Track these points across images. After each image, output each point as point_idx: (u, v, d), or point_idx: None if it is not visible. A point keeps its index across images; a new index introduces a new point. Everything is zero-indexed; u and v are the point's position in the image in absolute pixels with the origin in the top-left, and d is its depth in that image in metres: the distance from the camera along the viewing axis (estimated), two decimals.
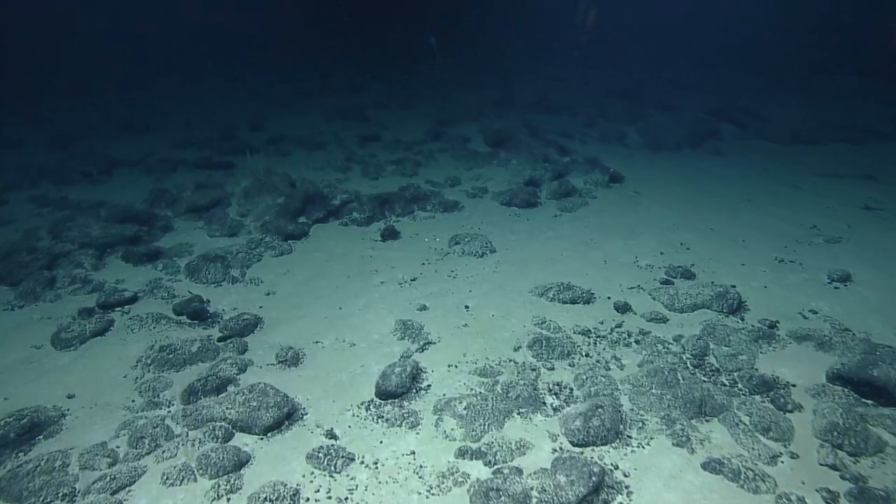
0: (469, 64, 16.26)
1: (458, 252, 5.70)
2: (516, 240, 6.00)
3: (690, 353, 4.06)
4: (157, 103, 12.40)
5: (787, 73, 15.51)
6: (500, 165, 8.14)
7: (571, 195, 7.11)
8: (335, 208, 6.38)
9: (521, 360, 4.10)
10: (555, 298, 4.86)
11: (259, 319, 4.56)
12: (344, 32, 18.52)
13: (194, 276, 5.08)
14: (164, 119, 11.18)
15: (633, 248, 5.75)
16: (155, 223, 6.13)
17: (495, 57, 17.23)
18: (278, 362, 4.08)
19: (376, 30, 18.43)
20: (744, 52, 17.48)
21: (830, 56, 16.27)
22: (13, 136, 9.49)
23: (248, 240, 5.75)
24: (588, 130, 10.34)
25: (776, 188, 7.36)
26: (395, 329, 4.45)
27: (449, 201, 6.82)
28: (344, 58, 17.21)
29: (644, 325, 4.50)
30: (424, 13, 17.89)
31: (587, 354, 4.15)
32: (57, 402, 3.62)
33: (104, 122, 10.74)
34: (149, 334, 4.31)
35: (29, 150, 8.98)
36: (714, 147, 9.38)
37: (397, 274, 5.29)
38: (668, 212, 6.61)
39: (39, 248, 5.26)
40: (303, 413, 3.59)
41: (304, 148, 9.37)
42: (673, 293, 4.80)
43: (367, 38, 18.10)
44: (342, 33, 18.45)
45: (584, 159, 7.98)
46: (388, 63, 16.40)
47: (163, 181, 7.62)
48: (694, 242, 5.81)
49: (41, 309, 4.63)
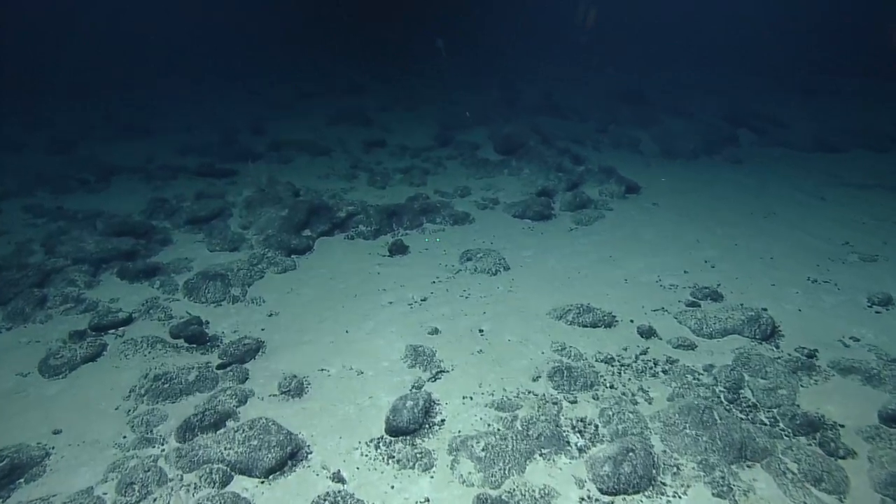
0: (469, 64, 16.00)
1: (469, 269, 5.42)
2: (531, 256, 5.72)
3: (724, 386, 3.76)
4: (157, 104, 12.17)
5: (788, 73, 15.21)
6: (511, 174, 7.85)
7: (587, 207, 6.82)
8: (341, 221, 6.11)
9: (540, 392, 3.82)
10: (574, 322, 4.57)
11: (261, 344, 4.28)
12: (344, 32, 18.29)
13: (193, 296, 4.81)
14: (164, 121, 10.95)
15: (654, 266, 5.45)
16: (153, 236, 5.86)
17: (495, 57, 16.97)
18: (281, 393, 3.80)
19: (376, 29, 18.20)
20: (744, 52, 17.18)
21: (831, 56, 15.97)
22: (12, 140, 9.26)
23: (249, 255, 5.48)
24: (600, 136, 10.04)
25: (801, 199, 7.04)
26: (406, 355, 4.17)
27: (459, 213, 6.54)
28: (344, 58, 16.98)
29: (671, 353, 4.21)
30: (424, 13, 17.69)
31: (612, 386, 3.87)
32: (42, 438, 3.35)
33: (104, 125, 10.51)
34: (143, 360, 4.04)
35: (27, 155, 8.74)
36: (732, 154, 9.07)
37: (407, 293, 5.01)
38: (689, 225, 6.31)
39: (30, 265, 5.00)
40: (307, 452, 3.31)
41: (308, 153, 9.11)
42: (700, 317, 4.50)
43: (366, 38, 17.88)
44: (342, 33, 18.22)
45: (599, 168, 7.69)
46: (387, 63, 16.18)
47: (162, 190, 7.37)
48: (719, 259, 5.51)
49: (30, 331, 4.37)
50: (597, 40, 16.02)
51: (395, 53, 16.85)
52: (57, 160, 8.41)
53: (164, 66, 15.25)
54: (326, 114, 11.51)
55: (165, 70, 15.06)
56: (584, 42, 15.92)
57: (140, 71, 14.74)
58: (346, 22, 18.50)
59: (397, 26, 18.28)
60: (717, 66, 16.40)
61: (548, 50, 17.56)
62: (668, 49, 18.00)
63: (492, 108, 11.73)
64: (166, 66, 15.19)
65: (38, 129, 9.96)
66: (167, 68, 15.18)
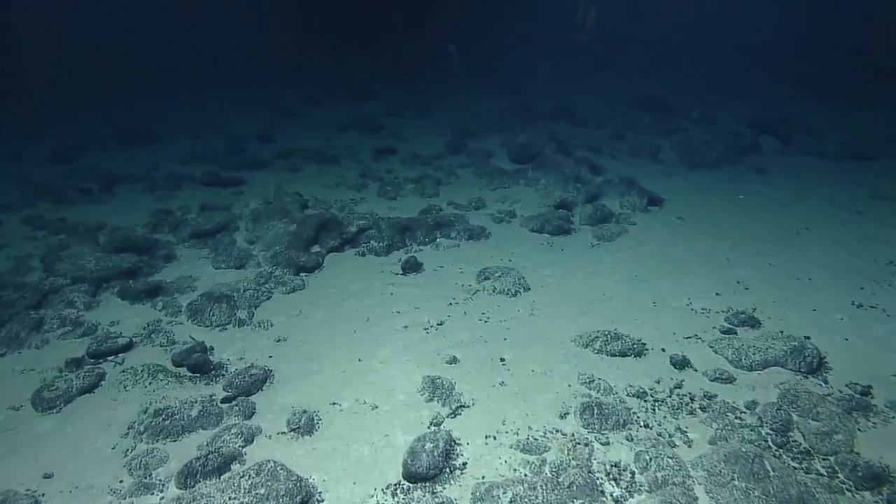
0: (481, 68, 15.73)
1: (488, 289, 5.13)
2: (552, 275, 5.42)
3: (771, 428, 3.45)
4: (161, 110, 11.97)
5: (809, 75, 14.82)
6: (527, 185, 7.55)
7: (608, 221, 6.52)
8: (351, 236, 5.84)
9: (569, 432, 3.52)
10: (602, 350, 4.28)
11: (268, 373, 4.02)
12: (345, 32, 18.08)
13: (197, 318, 4.55)
14: (169, 127, 10.74)
15: (684, 288, 5.14)
16: (156, 251, 5.62)
17: (495, 57, 16.70)
18: (290, 430, 3.53)
19: (376, 29, 17.99)
20: (761, 53, 16.82)
21: (853, 58, 15.57)
22: (12, 148, 9.07)
23: (256, 273, 5.22)
24: (617, 144, 9.73)
25: (836, 214, 6.69)
26: (423, 388, 3.89)
27: (474, 227, 6.25)
28: (344, 58, 16.75)
29: (708, 387, 3.91)
30: (424, 13, 17.48)
31: (646, 425, 3.57)
32: (32, 483, 3.09)
33: (107, 132, 10.31)
34: (143, 392, 3.78)
35: (28, 164, 8.55)
36: (756, 163, 8.72)
37: (422, 316, 4.73)
38: (718, 242, 5.98)
39: (28, 285, 4.76)
40: (319, 500, 3.04)
41: (316, 162, 8.86)
42: (738, 346, 4.19)
43: (366, 38, 17.65)
44: (343, 33, 18.00)
45: (619, 179, 7.37)
46: (387, 63, 15.97)
47: (166, 200, 7.14)
48: (752, 280, 5.19)
49: (25, 358, 4.12)
50: (596, 40, 15.83)
51: (395, 54, 16.63)
52: (59, 169, 8.21)
53: (168, 70, 15.07)
54: (336, 120, 11.29)
55: (168, 73, 14.88)
56: (584, 42, 15.78)
57: (142, 74, 14.56)
58: (345, 22, 18.28)
59: (397, 26, 18.06)
60: (734, 68, 16.03)
61: (547, 50, 17.30)
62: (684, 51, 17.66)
63: (506, 113, 11.46)
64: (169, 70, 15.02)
65: (39, 136, 9.78)
66: (170, 72, 15.00)
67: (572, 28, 15.45)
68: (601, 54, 16.23)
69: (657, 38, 18.23)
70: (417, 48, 16.60)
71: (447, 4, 17.33)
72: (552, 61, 16.26)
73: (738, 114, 11.36)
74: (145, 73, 14.67)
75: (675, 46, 17.94)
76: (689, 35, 18.38)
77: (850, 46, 16.26)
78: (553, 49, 17.02)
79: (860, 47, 15.76)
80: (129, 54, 15.45)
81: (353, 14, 18.09)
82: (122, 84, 13.62)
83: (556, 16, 17.02)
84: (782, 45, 17.36)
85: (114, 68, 14.68)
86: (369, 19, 18.03)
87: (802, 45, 17.35)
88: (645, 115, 11.26)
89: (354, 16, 18.06)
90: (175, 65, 15.17)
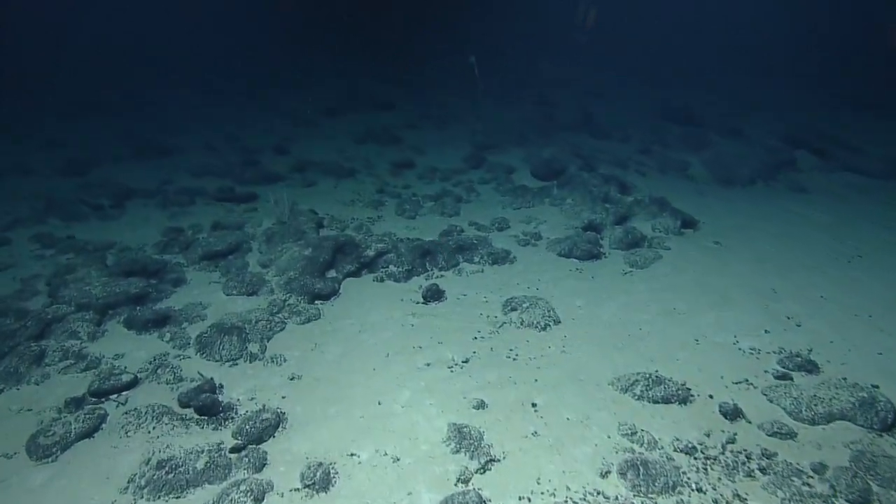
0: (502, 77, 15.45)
1: (515, 322, 4.78)
2: (583, 306, 5.05)
3: (846, 499, 3.05)
4: (174, 119, 11.83)
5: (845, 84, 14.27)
6: (552, 205, 7.19)
7: (640, 245, 6.14)
8: (369, 260, 5.53)
9: (612, 494, 3.16)
10: (643, 396, 3.90)
11: (281, 417, 3.70)
12: (345, 32, 17.92)
13: (206, 352, 4.26)
14: (183, 138, 10.57)
15: (728, 323, 4.74)
16: (165, 275, 5.36)
17: (495, 57, 16.42)
18: (304, 486, 3.21)
19: (376, 29, 17.80)
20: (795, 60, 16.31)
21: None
22: (24, 161, 8.94)
23: (269, 301, 4.93)
24: (644, 159, 9.34)
25: (890, 239, 6.22)
26: (449, 437, 3.55)
27: (498, 251, 5.91)
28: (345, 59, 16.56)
29: (766, 443, 3.51)
30: (425, 13, 17.29)
31: (699, 489, 3.19)
32: None
33: (120, 143, 10.16)
34: (146, 439, 3.49)
35: (40, 177, 8.39)
36: (794, 181, 8.27)
37: (445, 353, 4.39)
38: (761, 271, 5.57)
39: (30, 313, 4.51)
40: None
41: (333, 176, 8.60)
42: (796, 395, 3.79)
43: (367, 39, 17.47)
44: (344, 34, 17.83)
45: (649, 199, 6.98)
46: (386, 63, 15.79)
47: (178, 217, 6.90)
48: (804, 316, 4.78)
49: (23, 395, 3.86)
50: (596, 40, 15.57)
51: (394, 54, 16.46)
52: (70, 183, 8.04)
53: (168, 70, 14.97)
54: (352, 130, 11.05)
55: (171, 75, 14.77)
56: (584, 42, 15.56)
57: (147, 78, 14.47)
58: (346, 22, 18.11)
59: (396, 26, 17.87)
60: (767, 77, 15.53)
61: (546, 49, 17.00)
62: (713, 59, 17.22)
63: (527, 124, 11.13)
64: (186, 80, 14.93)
65: (51, 148, 9.65)
66: (171, 72, 14.89)
67: (572, 28, 15.33)
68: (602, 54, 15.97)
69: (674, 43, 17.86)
70: (417, 48, 16.45)
71: (447, 4, 17.18)
72: (553, 61, 16.02)
73: (768, 126, 10.90)
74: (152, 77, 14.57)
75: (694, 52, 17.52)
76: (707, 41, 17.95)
77: (880, 55, 15.70)
78: (552, 49, 16.76)
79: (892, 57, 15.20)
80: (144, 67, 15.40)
81: (353, 14, 17.97)
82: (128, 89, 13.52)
83: (555, 16, 16.82)
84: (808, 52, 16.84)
85: (116, 71, 14.61)
86: (370, 19, 17.88)
87: (828, 52, 16.81)
88: (672, 128, 10.85)
89: (354, 16, 17.93)
90: (177, 67, 15.04)
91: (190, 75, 14.96)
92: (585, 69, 15.81)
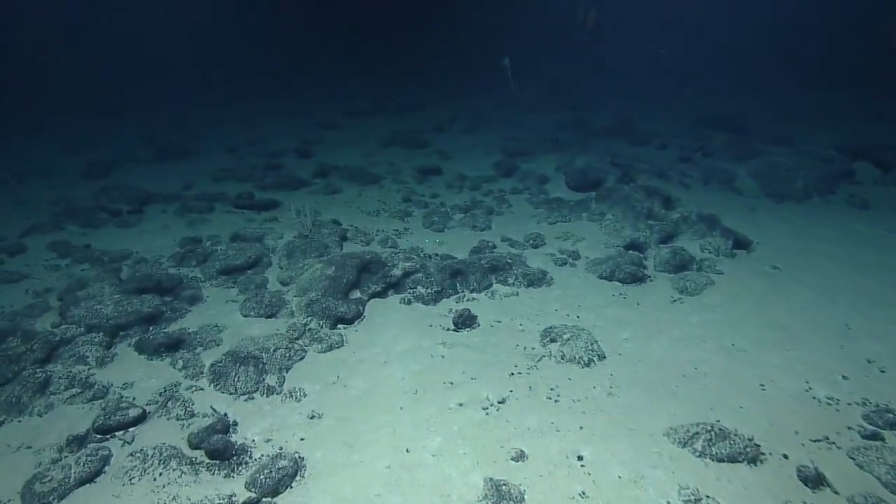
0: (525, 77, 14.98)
1: (555, 356, 4.34)
2: (630, 339, 4.58)
3: None
4: (198, 123, 11.66)
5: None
6: (590, 220, 6.71)
7: (689, 268, 5.62)
8: (396, 280, 5.15)
9: None
10: (704, 453, 3.42)
11: (299, 464, 3.34)
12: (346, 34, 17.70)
13: (220, 384, 3.93)
14: (205, 141, 10.37)
15: (797, 364, 4.22)
16: (180, 291, 5.06)
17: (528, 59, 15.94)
18: None
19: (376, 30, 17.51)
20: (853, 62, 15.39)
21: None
22: (47, 163, 8.82)
23: (289, 325, 4.58)
24: (686, 168, 8.75)
25: None
26: (485, 495, 3.13)
27: (534, 272, 5.47)
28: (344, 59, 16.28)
29: None
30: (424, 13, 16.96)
31: None
32: None
33: (142, 145, 10.01)
34: (151, 488, 3.16)
35: (62, 179, 8.25)
36: (854, 195, 7.61)
37: (480, 391, 3.98)
38: (830, 303, 5.01)
39: (38, 335, 4.25)
40: None
41: (357, 183, 8.25)
42: (893, 462, 3.27)
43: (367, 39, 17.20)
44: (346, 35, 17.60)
45: (697, 216, 6.44)
46: (386, 63, 15.47)
47: (197, 225, 6.63)
48: (888, 359, 4.22)
49: (24, 429, 3.58)
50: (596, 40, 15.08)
51: (397, 54, 16.13)
52: (91, 185, 7.86)
53: (204, 81, 14.86)
54: (378, 133, 10.71)
55: (205, 85, 14.66)
56: (584, 42, 15.10)
57: (185, 86, 14.37)
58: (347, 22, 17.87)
59: (397, 26, 17.55)
60: (824, 81, 14.66)
61: (547, 49, 16.46)
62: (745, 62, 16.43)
63: (560, 129, 10.63)
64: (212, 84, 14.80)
65: (73, 150, 9.53)
66: (213, 85, 14.78)
67: (573, 28, 14.95)
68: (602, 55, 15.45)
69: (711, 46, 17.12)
70: (418, 48, 16.18)
71: (446, 4, 16.88)
72: (553, 61, 15.54)
73: (820, 135, 10.17)
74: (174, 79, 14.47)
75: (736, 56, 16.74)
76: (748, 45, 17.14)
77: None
78: (553, 48, 16.24)
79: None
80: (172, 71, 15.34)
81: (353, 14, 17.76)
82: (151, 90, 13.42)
83: (556, 15, 16.34)
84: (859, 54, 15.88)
85: (139, 72, 14.54)
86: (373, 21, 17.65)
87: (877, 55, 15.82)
88: (713, 135, 10.22)
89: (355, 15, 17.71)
90: (222, 82, 14.96)
91: (213, 76, 14.84)
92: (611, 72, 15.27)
